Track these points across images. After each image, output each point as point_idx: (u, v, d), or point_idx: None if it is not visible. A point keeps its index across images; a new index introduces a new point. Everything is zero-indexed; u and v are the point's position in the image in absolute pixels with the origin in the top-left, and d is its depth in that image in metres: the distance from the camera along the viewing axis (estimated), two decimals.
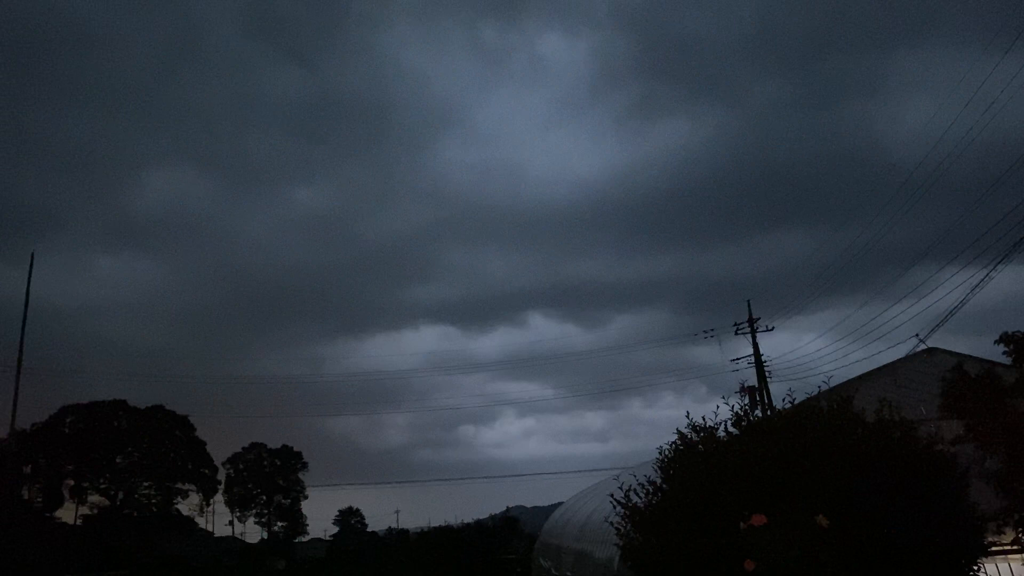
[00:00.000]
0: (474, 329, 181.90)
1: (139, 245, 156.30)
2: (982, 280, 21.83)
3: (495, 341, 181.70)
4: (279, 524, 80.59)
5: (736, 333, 42.08)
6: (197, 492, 68.00)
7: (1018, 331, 16.68)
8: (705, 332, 45.62)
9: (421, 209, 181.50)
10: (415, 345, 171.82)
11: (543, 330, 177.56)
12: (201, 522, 72.85)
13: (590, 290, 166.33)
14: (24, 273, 34.21)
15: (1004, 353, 16.90)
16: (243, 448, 79.29)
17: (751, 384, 39.01)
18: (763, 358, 40.90)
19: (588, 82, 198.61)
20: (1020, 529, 15.56)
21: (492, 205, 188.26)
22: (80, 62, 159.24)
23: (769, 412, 14.46)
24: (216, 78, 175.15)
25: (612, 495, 12.65)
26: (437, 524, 79.03)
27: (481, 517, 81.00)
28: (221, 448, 76.28)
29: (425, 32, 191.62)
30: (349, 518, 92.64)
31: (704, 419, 11.87)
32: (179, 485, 66.39)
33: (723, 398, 11.86)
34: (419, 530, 76.43)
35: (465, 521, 77.55)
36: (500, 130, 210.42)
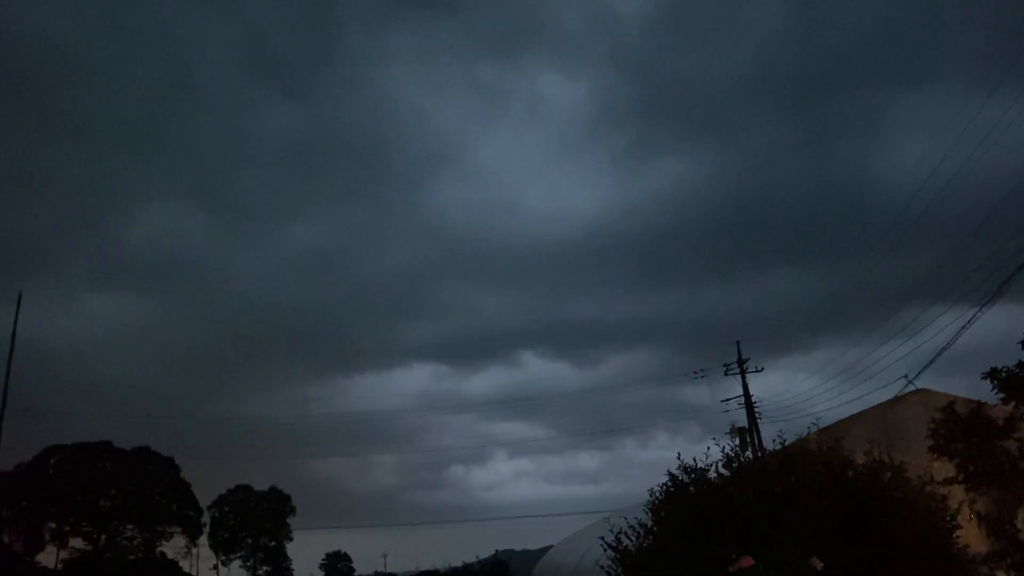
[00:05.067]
0: (466, 368, 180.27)
1: (129, 283, 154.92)
2: (969, 320, 21.85)
3: (487, 380, 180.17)
4: (264, 568, 78.98)
5: (726, 374, 41.97)
6: (182, 535, 66.68)
7: (1006, 367, 16.44)
8: (695, 373, 45.38)
9: (416, 246, 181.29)
10: (407, 384, 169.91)
11: (536, 369, 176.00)
12: (185, 565, 71.33)
13: (584, 329, 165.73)
14: (11, 311, 33.80)
15: (991, 390, 16.67)
16: (229, 490, 78.03)
17: (741, 425, 38.78)
18: (753, 399, 40.80)
19: (586, 122, 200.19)
20: (1013, 573, 15.44)
21: (488, 243, 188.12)
22: (72, 97, 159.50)
23: (760, 453, 14.43)
24: (210, 114, 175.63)
25: (603, 538, 12.54)
26: (426, 568, 77.76)
27: (469, 561, 79.69)
28: (207, 490, 74.76)
29: (423, 70, 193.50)
30: (336, 562, 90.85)
31: (695, 460, 11.86)
32: (163, 528, 65.13)
33: (714, 439, 11.89)
34: (407, 574, 75.08)
35: (453, 565, 76.32)
36: (498, 168, 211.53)
